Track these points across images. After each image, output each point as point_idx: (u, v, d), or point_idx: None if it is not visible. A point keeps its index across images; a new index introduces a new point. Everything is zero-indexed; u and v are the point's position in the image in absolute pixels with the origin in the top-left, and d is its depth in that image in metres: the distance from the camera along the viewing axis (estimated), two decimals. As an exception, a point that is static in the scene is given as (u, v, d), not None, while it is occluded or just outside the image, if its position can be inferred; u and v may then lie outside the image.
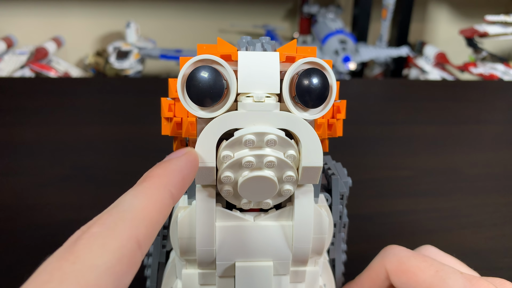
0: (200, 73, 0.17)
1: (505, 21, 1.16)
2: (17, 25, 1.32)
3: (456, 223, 0.39)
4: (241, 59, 0.18)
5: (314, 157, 0.18)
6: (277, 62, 0.18)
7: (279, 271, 0.20)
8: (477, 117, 0.61)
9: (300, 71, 0.18)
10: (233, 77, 0.18)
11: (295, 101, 0.18)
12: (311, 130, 0.18)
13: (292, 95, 0.18)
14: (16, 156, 0.46)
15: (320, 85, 0.18)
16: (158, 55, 1.22)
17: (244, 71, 0.18)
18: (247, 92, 0.18)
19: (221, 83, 0.18)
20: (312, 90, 0.18)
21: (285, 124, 0.18)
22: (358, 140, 0.53)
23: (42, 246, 0.35)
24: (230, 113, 0.18)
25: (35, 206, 0.39)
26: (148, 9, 1.37)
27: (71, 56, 1.38)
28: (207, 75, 0.17)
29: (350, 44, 1.19)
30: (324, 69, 0.18)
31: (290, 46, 0.19)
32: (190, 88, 0.18)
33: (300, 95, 0.18)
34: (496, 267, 0.34)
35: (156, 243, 0.23)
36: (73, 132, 0.51)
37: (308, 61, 0.18)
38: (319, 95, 0.18)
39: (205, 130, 0.18)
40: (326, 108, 0.19)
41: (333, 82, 0.18)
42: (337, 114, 0.20)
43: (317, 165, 0.18)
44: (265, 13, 1.40)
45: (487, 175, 0.47)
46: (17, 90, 0.62)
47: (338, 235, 0.24)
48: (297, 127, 0.18)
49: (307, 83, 0.18)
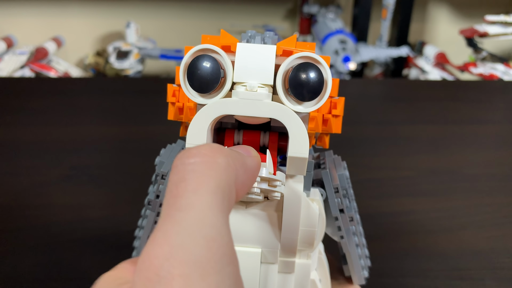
0: (199, 62, 0.18)
1: (505, 21, 1.16)
2: (17, 25, 1.32)
3: (456, 223, 0.39)
4: (239, 50, 0.19)
5: (299, 148, 0.19)
6: (273, 54, 0.19)
7: (267, 259, 0.21)
8: (477, 117, 0.61)
9: (295, 65, 0.19)
10: (230, 67, 0.19)
11: (288, 94, 0.19)
12: (299, 122, 0.19)
13: (285, 87, 0.19)
14: (16, 156, 0.46)
15: (313, 79, 0.18)
16: (158, 55, 1.22)
17: (240, 62, 0.19)
18: (242, 82, 0.19)
19: (218, 72, 0.19)
20: (305, 83, 0.18)
21: (273, 114, 0.19)
22: (358, 140, 0.52)
23: (42, 246, 0.35)
24: (222, 99, 0.19)
25: (35, 206, 0.39)
26: (148, 9, 1.37)
27: (71, 56, 1.38)
28: (206, 64, 0.18)
29: (350, 44, 1.19)
30: (319, 63, 0.19)
31: (289, 41, 0.20)
32: (190, 75, 0.19)
33: (293, 87, 0.19)
34: (496, 267, 0.34)
35: (150, 218, 0.23)
36: (73, 132, 0.51)
37: (302, 55, 0.19)
38: (312, 89, 0.19)
39: (198, 114, 0.19)
40: (319, 102, 0.19)
41: (328, 77, 0.19)
42: (333, 109, 0.20)
43: (302, 156, 0.19)
44: (265, 13, 1.40)
45: (487, 175, 0.47)
46: (17, 90, 0.62)
47: (347, 229, 0.24)
48: (285, 117, 0.19)
49: (300, 76, 0.18)
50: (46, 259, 0.33)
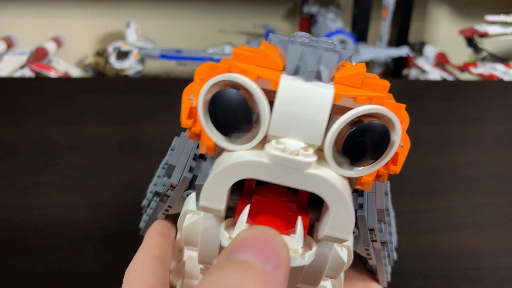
0: (223, 98, 0.14)
1: (505, 21, 1.16)
2: (17, 25, 1.32)
3: (456, 223, 0.39)
4: (281, 91, 0.14)
5: (341, 229, 0.15)
6: (328, 105, 0.14)
7: None
8: (477, 117, 0.60)
9: (356, 122, 0.14)
10: (266, 112, 0.14)
11: (340, 155, 0.15)
12: (345, 201, 0.15)
13: (337, 148, 0.15)
14: (16, 156, 0.46)
15: (377, 144, 0.14)
16: (158, 55, 1.22)
17: (281, 109, 0.14)
18: (279, 136, 0.15)
19: (249, 116, 0.14)
20: (365, 150, 0.14)
21: (315, 189, 0.15)
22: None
23: (42, 246, 0.35)
24: (249, 160, 0.14)
25: (35, 206, 0.39)
26: (148, 9, 1.37)
27: (71, 56, 1.38)
28: (232, 103, 0.14)
29: (350, 44, 1.19)
30: (390, 123, 0.14)
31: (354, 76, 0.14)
32: (211, 112, 0.15)
33: (348, 152, 0.14)
34: (496, 267, 0.34)
35: (157, 209, 0.22)
36: (73, 132, 0.51)
37: (369, 112, 0.14)
38: (373, 156, 0.15)
39: (217, 174, 0.15)
40: (377, 166, 0.15)
41: (396, 138, 0.14)
42: (392, 165, 0.16)
43: (343, 238, 0.15)
44: (265, 13, 1.40)
45: (487, 175, 0.47)
46: (17, 90, 0.62)
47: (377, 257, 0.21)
48: (328, 194, 0.15)
49: (361, 140, 0.14)
50: (46, 259, 0.33)
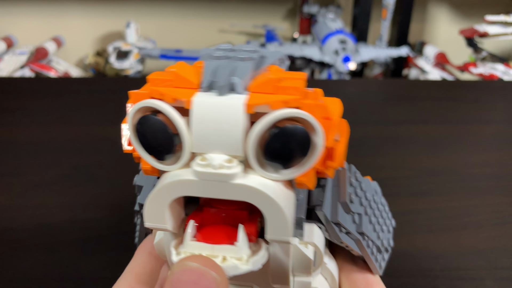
0: (145, 124, 0.15)
1: (505, 21, 1.16)
2: (17, 25, 1.32)
3: (456, 223, 0.39)
4: (195, 109, 0.14)
5: (280, 232, 0.15)
6: (241, 116, 0.14)
7: None
8: (477, 117, 0.60)
9: (274, 126, 0.14)
10: (184, 131, 0.14)
11: (264, 159, 0.15)
12: (275, 205, 0.15)
13: (261, 155, 0.15)
14: (16, 156, 0.46)
15: (295, 147, 0.14)
16: (158, 55, 1.22)
17: (198, 127, 0.14)
18: (202, 152, 0.15)
19: (169, 138, 0.14)
20: (285, 154, 0.14)
21: (243, 197, 0.15)
22: (358, 140, 0.52)
23: (42, 246, 0.35)
24: (178, 180, 0.15)
25: (35, 206, 0.39)
26: (148, 9, 1.37)
27: (71, 56, 1.38)
28: (151, 128, 0.15)
29: (350, 44, 1.19)
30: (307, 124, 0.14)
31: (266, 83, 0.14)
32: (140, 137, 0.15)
33: (271, 159, 0.14)
34: (496, 267, 0.34)
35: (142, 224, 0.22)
36: (73, 132, 0.51)
37: (283, 117, 0.14)
38: (297, 158, 0.14)
39: (153, 196, 0.15)
40: (304, 168, 0.15)
41: (318, 139, 0.14)
42: (328, 161, 0.15)
43: (284, 240, 0.15)
44: (265, 13, 1.40)
45: (487, 175, 0.46)
46: (17, 90, 0.62)
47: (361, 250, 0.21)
48: (257, 201, 0.15)
49: (278, 146, 0.14)
50: (45, 259, 0.33)
